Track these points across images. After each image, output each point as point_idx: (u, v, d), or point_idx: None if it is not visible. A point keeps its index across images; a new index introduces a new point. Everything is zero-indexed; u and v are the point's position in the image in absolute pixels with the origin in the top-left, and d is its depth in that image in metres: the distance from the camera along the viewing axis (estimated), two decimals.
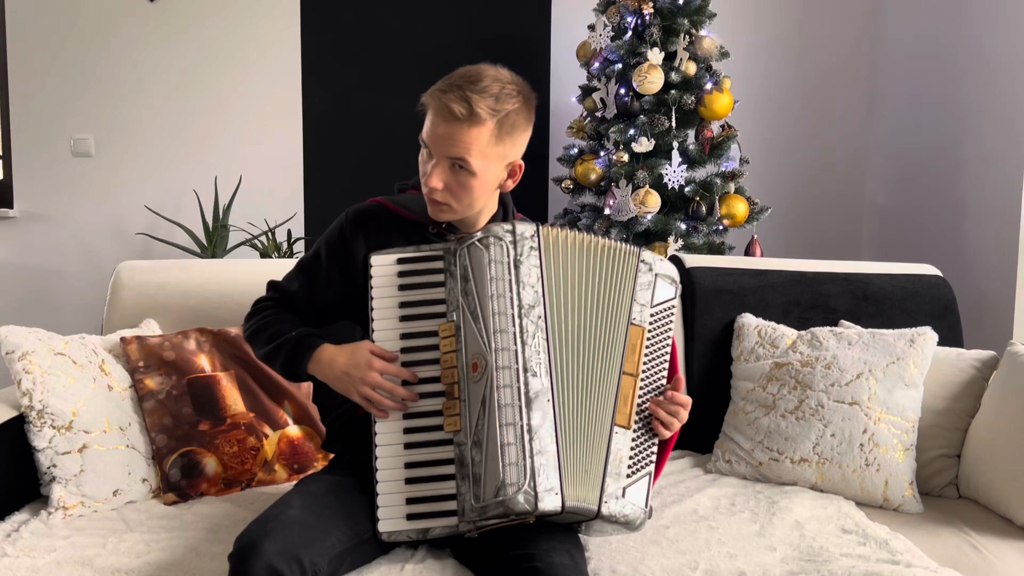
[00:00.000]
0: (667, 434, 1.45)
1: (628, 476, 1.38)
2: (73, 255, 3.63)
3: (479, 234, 1.42)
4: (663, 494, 1.77)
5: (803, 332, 2.01)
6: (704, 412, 2.08)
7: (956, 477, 1.87)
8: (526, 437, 1.32)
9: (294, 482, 1.80)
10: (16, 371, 1.66)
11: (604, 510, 1.35)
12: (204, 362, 1.85)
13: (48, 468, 1.64)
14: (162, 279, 2.07)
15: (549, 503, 1.30)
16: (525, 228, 1.43)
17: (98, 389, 1.72)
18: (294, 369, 1.52)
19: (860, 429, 1.81)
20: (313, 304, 1.59)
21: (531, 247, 1.42)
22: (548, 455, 1.32)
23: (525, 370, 1.35)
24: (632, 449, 1.40)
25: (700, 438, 2.07)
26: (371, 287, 1.45)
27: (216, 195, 3.47)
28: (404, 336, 1.44)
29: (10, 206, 3.58)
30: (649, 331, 1.45)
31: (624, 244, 1.48)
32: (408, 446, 1.40)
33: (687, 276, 2.17)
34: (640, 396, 1.43)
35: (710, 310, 2.13)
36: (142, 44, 3.59)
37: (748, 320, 2.08)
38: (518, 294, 1.39)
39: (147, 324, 1.99)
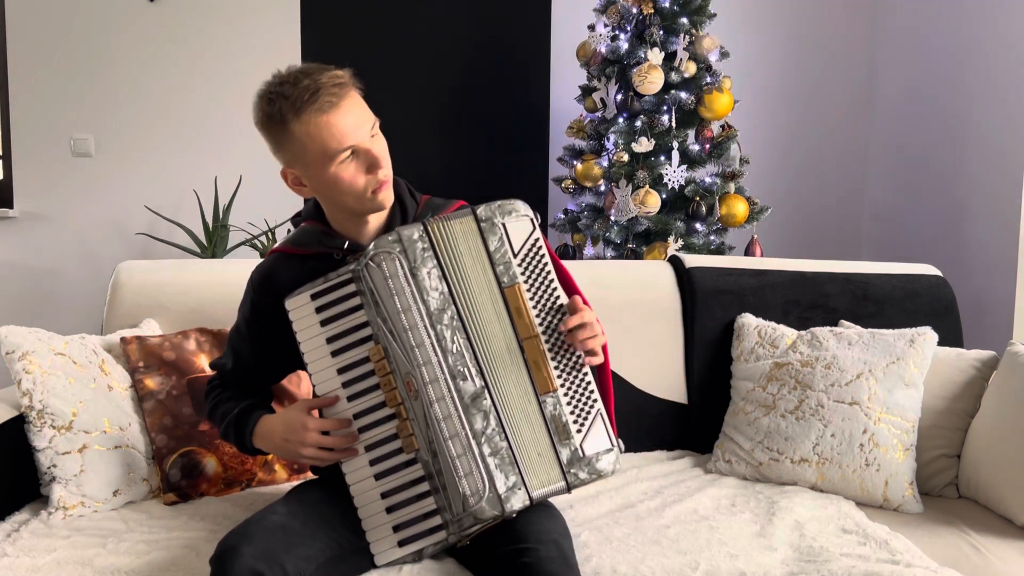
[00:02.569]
0: (594, 360, 1.40)
1: (579, 431, 1.36)
2: (73, 255, 3.63)
3: (371, 250, 1.37)
4: (663, 494, 1.77)
5: (803, 332, 2.01)
6: (704, 412, 2.08)
7: (956, 477, 1.87)
8: (473, 444, 1.33)
9: (294, 482, 1.81)
10: (16, 371, 1.66)
11: (572, 481, 1.35)
12: (204, 362, 1.85)
13: (48, 468, 1.64)
14: (162, 279, 2.07)
15: (516, 502, 1.32)
16: (412, 231, 1.37)
17: (98, 389, 1.72)
18: (245, 447, 1.51)
19: (860, 429, 1.81)
20: (255, 373, 1.57)
21: (423, 249, 1.37)
22: (501, 454, 1.33)
23: (453, 377, 1.34)
24: (569, 404, 1.37)
25: (700, 438, 2.07)
26: (295, 332, 1.42)
27: (216, 195, 3.47)
28: (341, 370, 1.41)
29: (10, 206, 3.58)
30: (525, 281, 1.38)
31: (462, 212, 1.40)
32: (378, 476, 1.39)
33: (687, 276, 2.17)
34: (550, 350, 1.38)
35: (710, 310, 2.13)
36: (142, 44, 3.59)
37: (748, 320, 2.08)
38: (424, 302, 1.35)
39: (147, 324, 1.99)
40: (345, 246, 1.47)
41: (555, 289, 1.40)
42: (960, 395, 1.90)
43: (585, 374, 1.40)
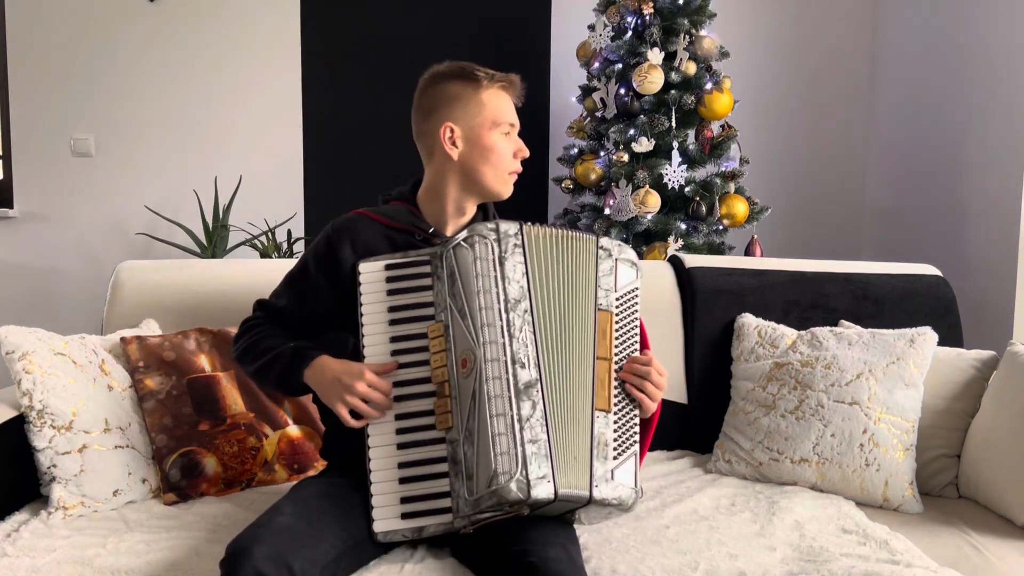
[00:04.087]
0: (650, 404, 1.47)
1: (615, 458, 1.40)
2: (73, 255, 3.63)
3: (464, 233, 1.46)
4: (663, 494, 1.77)
5: (803, 332, 2.01)
6: (704, 412, 2.08)
7: (956, 477, 1.87)
8: (516, 427, 1.34)
9: (294, 482, 1.80)
10: (16, 371, 1.66)
11: (596, 494, 1.36)
12: (204, 362, 1.85)
13: (48, 468, 1.64)
14: (162, 279, 2.07)
15: (542, 491, 1.31)
16: (509, 226, 1.47)
17: (98, 389, 1.72)
18: (289, 379, 1.52)
19: (860, 429, 1.81)
20: (304, 317, 1.61)
21: (515, 244, 1.45)
22: (540, 444, 1.34)
23: (513, 362, 1.37)
24: (615, 431, 1.42)
25: (700, 438, 2.07)
26: (360, 293, 1.48)
27: (216, 195, 3.47)
28: (393, 339, 1.46)
29: (10, 206, 3.58)
30: (616, 315, 1.48)
31: (583, 233, 1.52)
32: (401, 446, 1.41)
33: (687, 276, 2.17)
34: (616, 379, 1.45)
35: (710, 310, 2.13)
36: (142, 44, 3.59)
37: (748, 320, 2.08)
38: (504, 289, 1.41)
39: (147, 324, 1.99)
40: (430, 231, 1.58)
41: (635, 340, 1.51)
42: (960, 395, 1.90)
43: (635, 416, 1.47)
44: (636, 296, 1.53)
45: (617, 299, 1.49)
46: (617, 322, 1.48)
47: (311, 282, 1.60)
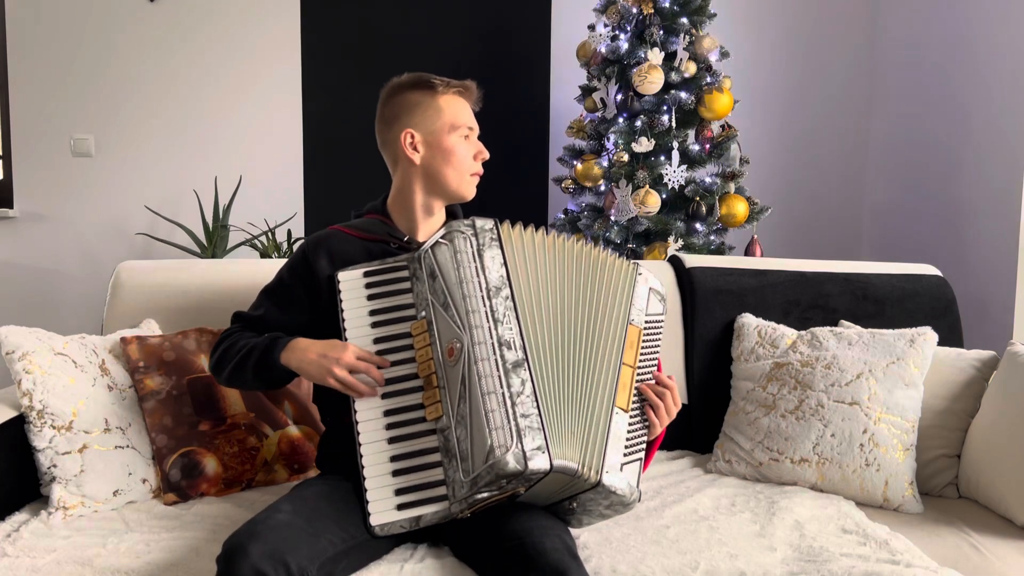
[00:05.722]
0: (656, 420, 1.50)
1: (625, 455, 1.42)
2: (73, 255, 3.63)
3: (442, 232, 1.51)
4: (663, 494, 1.77)
5: (803, 332, 2.01)
6: (704, 412, 2.09)
7: (956, 477, 1.87)
8: (508, 402, 1.36)
9: (294, 482, 1.81)
10: (16, 371, 1.66)
11: (606, 479, 1.37)
12: (204, 362, 1.85)
13: (48, 468, 1.64)
14: (162, 279, 2.07)
15: (539, 462, 1.32)
16: (484, 222, 1.52)
17: (98, 389, 1.72)
18: (267, 362, 1.52)
19: (860, 429, 1.81)
20: (282, 326, 1.61)
21: (491, 238, 1.50)
22: (532, 418, 1.36)
23: (500, 344, 1.40)
24: (629, 432, 1.45)
25: (700, 438, 2.07)
26: (340, 300, 1.51)
27: (216, 195, 3.47)
28: (377, 341, 1.49)
29: (10, 206, 3.58)
30: (644, 335, 1.53)
31: (623, 258, 1.59)
32: (392, 440, 1.42)
33: (687, 276, 2.17)
34: (636, 387, 1.48)
35: (710, 310, 2.13)
36: (142, 44, 3.59)
37: (748, 320, 2.08)
38: (485, 278, 1.45)
39: (147, 324, 1.99)
40: (405, 239, 1.63)
41: (655, 362, 1.56)
42: (960, 395, 1.91)
43: (645, 429, 1.50)
44: (661, 326, 1.59)
45: (646, 321, 1.55)
46: (643, 341, 1.53)
47: (288, 291, 1.62)
